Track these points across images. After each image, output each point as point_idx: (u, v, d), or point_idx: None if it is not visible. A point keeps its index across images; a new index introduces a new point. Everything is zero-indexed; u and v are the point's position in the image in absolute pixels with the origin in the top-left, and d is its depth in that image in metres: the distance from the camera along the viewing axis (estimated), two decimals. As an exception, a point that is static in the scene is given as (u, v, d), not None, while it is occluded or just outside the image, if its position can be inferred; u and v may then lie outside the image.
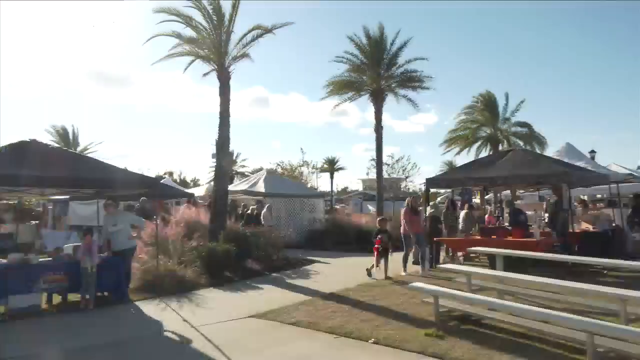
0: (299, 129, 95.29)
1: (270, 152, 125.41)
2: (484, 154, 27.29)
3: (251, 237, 11.53)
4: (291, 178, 28.78)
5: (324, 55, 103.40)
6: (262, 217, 14.69)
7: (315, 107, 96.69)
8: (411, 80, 22.81)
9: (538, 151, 25.56)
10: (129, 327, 6.62)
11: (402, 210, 10.72)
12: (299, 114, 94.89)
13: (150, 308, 7.54)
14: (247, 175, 33.87)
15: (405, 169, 30.85)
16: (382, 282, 9.17)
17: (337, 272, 10.97)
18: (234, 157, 55.50)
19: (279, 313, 6.85)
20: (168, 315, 7.06)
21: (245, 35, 13.11)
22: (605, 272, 9.33)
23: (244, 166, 57.96)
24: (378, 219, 11.42)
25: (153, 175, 23.17)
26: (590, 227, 12.13)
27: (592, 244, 10.52)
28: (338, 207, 26.79)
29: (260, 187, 17.83)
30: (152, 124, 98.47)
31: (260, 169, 26.14)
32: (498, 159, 11.54)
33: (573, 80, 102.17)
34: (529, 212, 13.31)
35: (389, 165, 29.21)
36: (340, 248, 15.06)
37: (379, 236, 9.94)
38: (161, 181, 22.60)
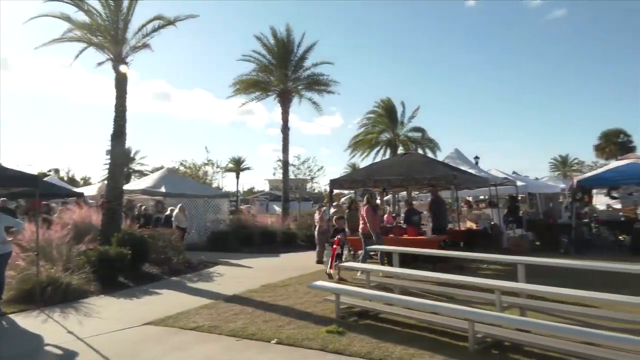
0: (204, 126, 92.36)
1: (172, 150, 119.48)
2: (385, 157, 28.89)
3: (149, 239, 10.86)
4: (194, 177, 27.75)
5: (232, 53, 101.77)
6: (173, 219, 13.97)
7: (222, 105, 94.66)
8: (317, 84, 23.36)
9: (431, 155, 27.71)
10: (1, 344, 5.84)
11: (364, 208, 10.33)
12: (204, 111, 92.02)
13: (29, 321, 6.74)
14: (147, 174, 31.96)
15: (311, 170, 31.49)
16: (286, 282, 9.22)
17: (241, 274, 10.80)
18: (132, 155, 52.04)
19: (178, 318, 6.55)
20: (50, 328, 6.37)
21: (145, 25, 12.31)
22: (485, 265, 10.36)
23: (142, 164, 54.59)
24: (335, 217, 10.92)
25: (35, 172, 20.84)
26: (474, 226, 13.48)
27: (475, 240, 11.70)
28: (243, 207, 26.41)
29: (160, 187, 16.92)
30: (37, 115, 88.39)
31: (161, 168, 24.78)
32: (396, 161, 12.29)
33: (466, 93, 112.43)
34: (424, 212, 14.34)
35: (295, 166, 29.60)
36: (245, 249, 14.89)
37: (338, 236, 9.77)
38: (45, 179, 20.48)
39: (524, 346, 4.75)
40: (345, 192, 25.98)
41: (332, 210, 12.07)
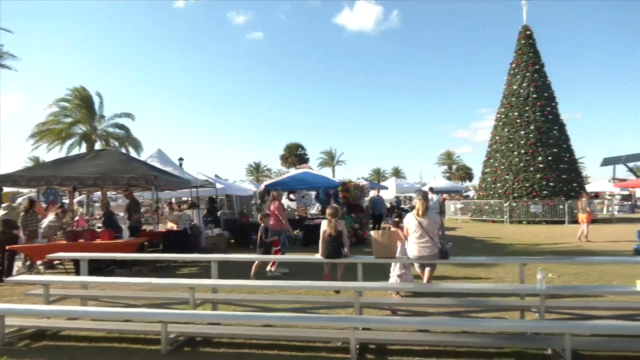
0: None
1: None
2: (80, 152, 25.54)
3: None
4: None
5: None
6: None
7: None
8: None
9: (134, 154, 26.34)
10: None
11: (275, 204, 9.69)
12: None
13: None
14: None
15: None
16: None
17: None
18: None
19: None
20: None
21: None
22: (184, 265, 10.56)
23: None
24: (260, 214, 9.81)
25: None
26: (175, 226, 13.53)
27: (175, 241, 11.76)
28: None
29: None
30: None
31: None
32: (90, 158, 11.03)
33: (175, 94, 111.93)
34: (120, 214, 13.42)
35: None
36: None
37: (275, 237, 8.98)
38: None
39: (214, 338, 5.07)
40: (24, 190, 21.55)
41: (1, 212, 9.75)
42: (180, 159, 21.57)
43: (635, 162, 45.80)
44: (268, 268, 9.15)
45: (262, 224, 8.94)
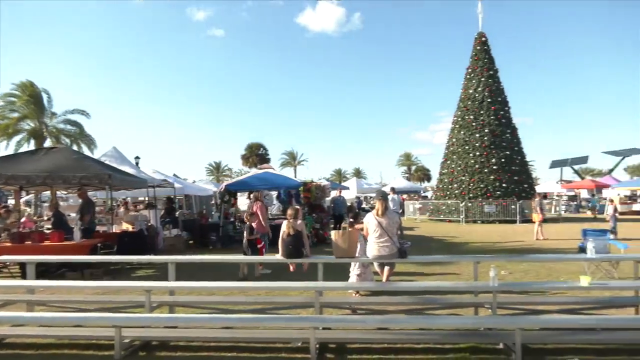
0: None
1: None
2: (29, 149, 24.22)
3: None
4: None
5: None
6: None
7: None
8: None
9: (88, 152, 25.27)
10: None
11: (258, 205, 9.54)
12: None
13: None
14: None
15: None
16: None
17: None
18: None
19: None
20: None
21: None
22: (140, 268, 10.23)
23: None
24: (246, 213, 9.79)
25: None
26: (131, 227, 13.09)
27: (131, 242, 11.37)
28: None
29: None
30: None
31: None
32: (39, 156, 10.47)
33: (133, 92, 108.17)
34: (71, 215, 12.85)
35: None
36: None
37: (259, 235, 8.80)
38: None
39: (170, 342, 4.94)
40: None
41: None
42: (137, 157, 20.88)
43: (580, 165, 48.50)
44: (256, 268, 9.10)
45: (247, 223, 8.90)
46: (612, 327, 4.73)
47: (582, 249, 10.88)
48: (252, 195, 10.40)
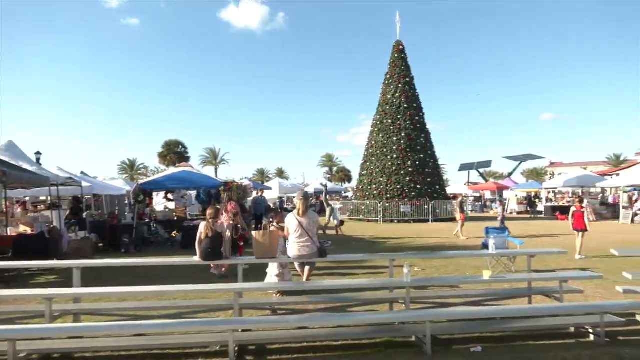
0: None
1: None
2: None
3: None
4: None
5: None
6: None
7: None
8: None
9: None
10: None
11: (232, 205, 9.21)
12: None
13: None
14: None
15: None
16: None
17: None
18: None
19: None
20: None
21: None
22: (40, 274, 9.33)
23: None
24: (233, 213, 8.98)
25: None
26: (29, 230, 11.90)
27: (29, 246, 10.31)
28: None
29: None
30: None
31: None
32: None
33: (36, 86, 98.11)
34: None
35: None
36: None
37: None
38: None
39: (75, 353, 4.56)
40: None
41: None
42: (38, 153, 19.08)
43: (485, 168, 52.98)
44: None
45: (233, 222, 8.54)
46: (508, 317, 5.20)
47: (485, 246, 11.85)
48: (225, 195, 10.11)
